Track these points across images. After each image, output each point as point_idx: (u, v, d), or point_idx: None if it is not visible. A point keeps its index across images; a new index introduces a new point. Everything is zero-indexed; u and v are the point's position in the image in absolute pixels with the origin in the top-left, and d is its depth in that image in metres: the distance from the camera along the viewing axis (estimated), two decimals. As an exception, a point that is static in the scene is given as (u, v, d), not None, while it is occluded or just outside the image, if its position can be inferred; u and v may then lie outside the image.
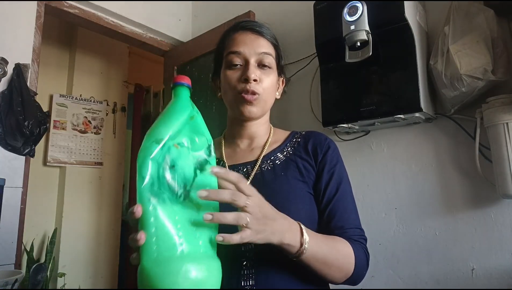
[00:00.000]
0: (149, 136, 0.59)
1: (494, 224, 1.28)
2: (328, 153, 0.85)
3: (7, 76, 1.70)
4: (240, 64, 0.83)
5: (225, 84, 0.85)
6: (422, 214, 1.43)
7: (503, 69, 1.20)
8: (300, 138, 0.90)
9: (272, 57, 0.86)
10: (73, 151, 2.99)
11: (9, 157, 1.69)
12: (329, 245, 0.72)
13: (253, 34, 0.85)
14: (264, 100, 0.84)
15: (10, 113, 1.66)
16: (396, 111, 1.34)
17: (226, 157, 0.89)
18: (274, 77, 0.86)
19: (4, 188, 1.51)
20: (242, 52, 0.83)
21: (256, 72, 0.82)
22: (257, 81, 0.81)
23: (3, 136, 1.66)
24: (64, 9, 2.00)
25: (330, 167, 0.84)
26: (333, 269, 0.71)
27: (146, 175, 0.56)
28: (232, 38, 0.86)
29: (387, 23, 1.33)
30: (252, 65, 0.82)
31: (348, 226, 0.80)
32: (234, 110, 0.85)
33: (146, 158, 0.56)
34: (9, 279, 0.99)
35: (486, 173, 1.27)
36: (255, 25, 0.87)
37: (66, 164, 2.95)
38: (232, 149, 0.91)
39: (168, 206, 0.55)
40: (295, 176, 0.82)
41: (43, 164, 2.87)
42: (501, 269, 1.25)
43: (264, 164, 0.84)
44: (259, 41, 0.85)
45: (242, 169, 0.85)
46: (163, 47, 2.48)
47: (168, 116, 0.61)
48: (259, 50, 0.83)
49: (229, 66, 0.84)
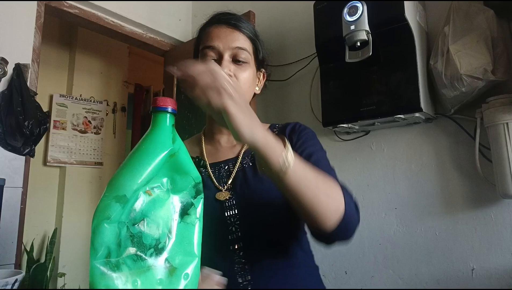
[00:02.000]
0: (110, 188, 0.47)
1: (494, 224, 1.28)
2: (301, 134, 0.83)
3: (7, 76, 1.70)
4: (214, 58, 0.81)
5: None
6: (422, 214, 1.43)
7: (503, 69, 1.20)
8: (277, 130, 0.88)
9: (248, 52, 0.83)
10: (73, 151, 2.99)
11: (9, 157, 1.69)
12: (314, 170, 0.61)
13: (228, 27, 0.83)
14: None
15: (10, 113, 1.66)
16: (396, 111, 1.34)
17: (207, 155, 0.87)
18: (251, 72, 0.84)
19: (4, 188, 1.51)
20: (216, 46, 0.81)
21: (230, 67, 0.79)
22: (231, 76, 0.78)
23: (3, 136, 1.66)
24: (64, 9, 2.00)
25: (302, 142, 0.81)
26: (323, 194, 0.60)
27: (100, 246, 0.45)
28: (207, 32, 0.84)
29: (387, 23, 1.33)
30: (225, 59, 0.80)
31: None
32: None
33: (100, 224, 0.45)
34: (9, 279, 0.99)
35: (486, 173, 1.27)
36: (230, 19, 0.85)
37: (66, 164, 2.95)
38: (212, 146, 0.89)
39: (128, 278, 0.45)
40: None
41: (43, 164, 2.87)
42: (501, 269, 1.25)
43: (245, 160, 0.83)
44: (234, 35, 0.82)
45: (224, 167, 0.83)
46: (163, 47, 2.48)
47: (140, 156, 0.49)
48: (233, 45, 0.81)
49: (203, 61, 0.81)
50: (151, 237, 0.48)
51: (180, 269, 0.49)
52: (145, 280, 0.46)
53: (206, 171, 0.83)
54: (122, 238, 0.46)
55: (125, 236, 0.46)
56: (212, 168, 0.84)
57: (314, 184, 0.59)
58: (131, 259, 0.46)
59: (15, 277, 1.01)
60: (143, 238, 0.47)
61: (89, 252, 0.82)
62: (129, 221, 0.47)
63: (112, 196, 0.46)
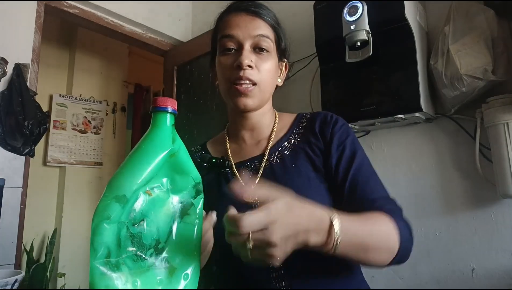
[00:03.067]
0: (110, 188, 0.46)
1: (494, 224, 1.28)
2: (335, 128, 0.78)
3: (7, 76, 1.70)
4: (234, 48, 0.76)
5: (219, 71, 0.79)
6: (422, 214, 1.43)
7: (503, 69, 1.20)
8: (306, 121, 0.83)
9: (271, 40, 0.78)
10: (73, 151, 2.99)
11: (9, 157, 1.69)
12: (367, 228, 0.61)
13: (248, 15, 0.77)
14: (262, 90, 0.77)
15: (10, 113, 1.66)
16: (396, 111, 1.34)
17: (232, 154, 0.83)
18: (273, 62, 0.79)
19: (4, 188, 1.51)
20: (236, 35, 0.75)
21: (251, 57, 0.75)
22: (252, 67, 0.74)
23: (3, 136, 1.66)
24: (64, 9, 2.00)
25: (340, 142, 0.76)
26: (375, 254, 0.62)
27: (100, 246, 0.44)
28: (225, 20, 0.79)
29: (387, 23, 1.32)
30: (246, 49, 0.75)
31: (376, 196, 0.71)
32: (229, 101, 0.79)
33: (100, 224, 0.45)
34: (9, 279, 0.99)
35: (486, 173, 1.27)
36: (250, 5, 0.79)
37: (66, 164, 2.95)
38: (237, 144, 0.85)
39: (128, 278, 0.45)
40: (306, 167, 0.76)
41: (43, 164, 2.87)
42: (501, 269, 1.25)
43: (272, 157, 0.79)
44: (255, 23, 0.77)
45: (250, 165, 0.79)
46: (163, 47, 2.48)
47: (140, 156, 0.49)
48: (254, 33, 0.76)
49: (222, 51, 0.77)
50: (151, 237, 0.47)
51: (180, 269, 0.49)
52: (145, 280, 0.46)
53: (232, 171, 0.80)
54: (122, 238, 0.46)
55: (125, 236, 0.46)
56: (238, 167, 0.80)
57: (369, 247, 0.60)
58: (131, 259, 0.46)
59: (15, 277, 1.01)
60: (143, 238, 0.47)
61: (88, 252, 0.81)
62: (129, 221, 0.46)
63: (112, 196, 0.46)
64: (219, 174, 0.81)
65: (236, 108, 0.78)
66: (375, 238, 0.62)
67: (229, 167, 0.80)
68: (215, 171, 0.82)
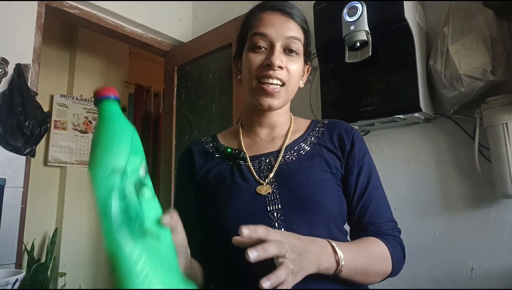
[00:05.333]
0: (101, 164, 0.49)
1: (493, 224, 1.28)
2: (356, 145, 0.81)
3: (7, 76, 1.70)
4: (264, 47, 0.77)
5: (246, 67, 0.80)
6: (422, 214, 1.43)
7: (502, 69, 1.20)
8: (323, 127, 0.85)
9: (301, 42, 0.79)
10: (73, 151, 3.00)
11: (9, 157, 1.69)
12: (364, 253, 0.69)
13: (282, 15, 0.78)
14: (288, 91, 0.79)
15: (11, 113, 1.67)
16: (396, 111, 1.35)
17: (246, 148, 0.84)
18: (301, 64, 0.80)
19: (4, 188, 1.52)
20: (269, 34, 0.76)
21: (281, 58, 0.76)
22: (282, 68, 0.76)
23: (4, 136, 1.66)
24: (64, 10, 2.00)
25: (359, 159, 0.80)
26: (372, 276, 0.71)
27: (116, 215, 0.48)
28: (259, 18, 0.79)
29: (386, 23, 1.33)
30: (277, 50, 0.76)
31: (381, 221, 0.77)
32: (253, 99, 0.80)
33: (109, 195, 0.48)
34: (10, 279, 1.00)
35: (486, 173, 1.27)
36: (285, 6, 0.80)
37: (67, 164, 2.96)
38: (251, 138, 0.86)
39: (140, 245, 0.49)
40: (322, 167, 0.78)
41: (43, 164, 2.88)
42: (500, 268, 1.25)
43: (288, 155, 0.80)
44: (288, 24, 0.78)
45: (265, 160, 0.80)
46: (163, 47, 2.48)
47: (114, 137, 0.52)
48: (287, 34, 0.76)
49: (252, 48, 0.78)
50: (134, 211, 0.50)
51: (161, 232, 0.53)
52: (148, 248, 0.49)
53: (246, 163, 0.80)
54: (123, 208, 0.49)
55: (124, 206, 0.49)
56: (252, 161, 0.81)
57: (367, 270, 0.69)
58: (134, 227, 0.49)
59: (16, 277, 1.01)
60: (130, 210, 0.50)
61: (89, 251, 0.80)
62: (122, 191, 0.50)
63: (108, 169, 0.49)
64: (232, 165, 0.82)
65: (259, 106, 0.80)
66: (372, 261, 0.70)
67: (243, 159, 0.81)
68: (228, 162, 0.83)
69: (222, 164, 0.83)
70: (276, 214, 0.72)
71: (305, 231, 0.71)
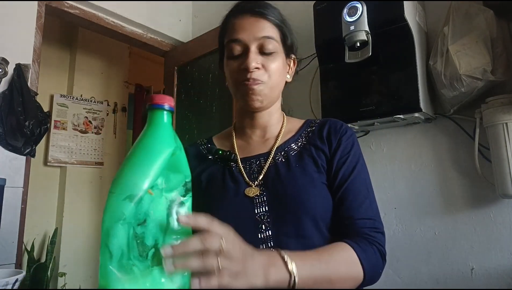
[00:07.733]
0: (120, 188, 0.45)
1: (493, 224, 1.28)
2: (343, 138, 0.80)
3: (7, 76, 1.70)
4: (240, 52, 0.77)
5: (227, 74, 0.81)
6: (422, 214, 1.43)
7: (502, 69, 1.20)
8: (315, 126, 0.85)
9: (275, 41, 0.78)
10: (73, 151, 3.00)
11: (9, 157, 1.69)
12: (325, 259, 0.64)
13: (252, 16, 0.78)
14: (270, 88, 0.78)
15: (11, 113, 1.66)
16: (396, 111, 1.35)
17: (238, 149, 0.84)
18: (281, 61, 0.80)
19: (4, 188, 1.51)
20: (241, 38, 0.77)
21: (257, 59, 0.76)
22: (259, 68, 0.76)
23: (3, 136, 1.66)
24: (64, 10, 2.00)
25: (344, 153, 0.78)
26: (339, 283, 0.64)
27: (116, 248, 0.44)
28: (231, 24, 0.80)
29: (386, 23, 1.33)
30: (252, 52, 0.76)
31: (357, 217, 0.73)
32: (239, 101, 0.81)
33: (115, 225, 0.44)
34: (10, 279, 1.00)
35: (486, 173, 1.27)
36: (254, 6, 0.79)
37: (67, 164, 2.96)
38: (244, 140, 0.87)
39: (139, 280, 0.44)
40: (310, 167, 0.77)
41: (43, 164, 2.88)
42: (500, 268, 1.25)
43: (277, 156, 0.80)
44: (259, 24, 0.77)
45: (255, 162, 0.81)
46: (163, 47, 2.48)
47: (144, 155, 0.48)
48: (259, 35, 0.77)
49: (229, 55, 0.79)
50: (152, 237, 0.47)
51: None
52: (153, 281, 0.45)
53: (237, 165, 0.81)
54: (130, 239, 0.45)
55: (132, 237, 0.45)
56: (243, 163, 0.81)
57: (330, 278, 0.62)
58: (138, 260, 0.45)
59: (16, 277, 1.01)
60: (145, 238, 0.46)
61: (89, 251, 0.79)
62: (134, 222, 0.46)
63: (123, 196, 0.45)
64: (224, 167, 0.83)
65: (245, 107, 0.81)
66: (335, 267, 0.64)
67: (234, 161, 0.82)
68: (220, 164, 0.84)
69: (214, 166, 0.84)
70: (263, 217, 0.73)
71: (293, 232, 0.72)
